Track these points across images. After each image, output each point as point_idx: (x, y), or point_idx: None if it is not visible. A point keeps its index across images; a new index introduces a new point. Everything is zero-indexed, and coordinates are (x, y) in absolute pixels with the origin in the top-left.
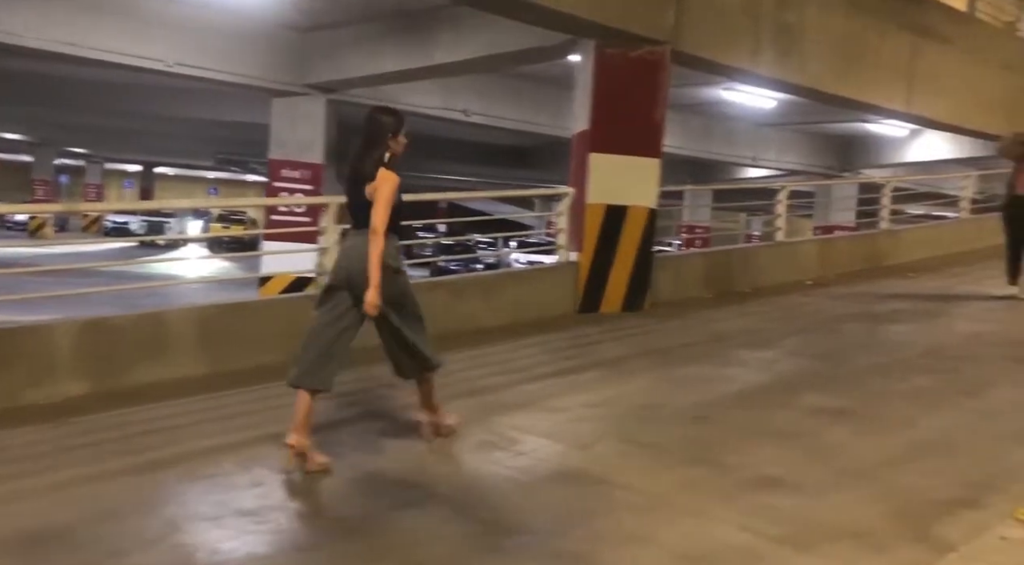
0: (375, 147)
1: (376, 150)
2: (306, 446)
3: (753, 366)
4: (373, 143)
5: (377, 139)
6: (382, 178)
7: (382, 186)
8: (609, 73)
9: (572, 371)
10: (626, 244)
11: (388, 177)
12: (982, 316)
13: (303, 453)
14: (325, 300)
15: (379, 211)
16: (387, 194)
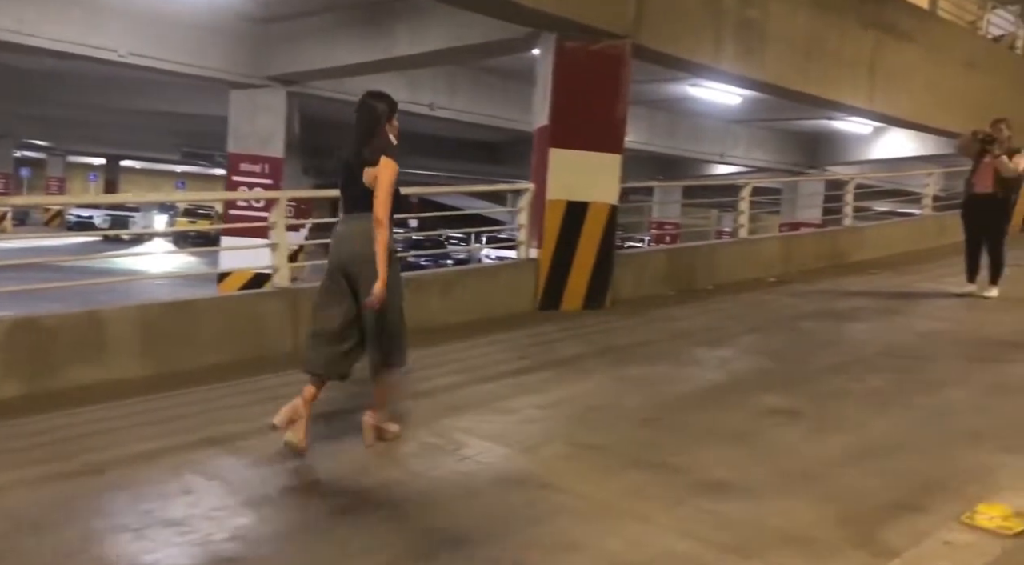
0: (372, 133)
1: (374, 136)
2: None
3: (709, 365)
4: (369, 129)
5: (373, 125)
6: (384, 165)
7: (383, 174)
8: (569, 67)
9: (526, 370)
10: (587, 241)
11: (389, 165)
12: (940, 314)
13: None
14: (325, 285)
15: (382, 200)
16: (389, 182)
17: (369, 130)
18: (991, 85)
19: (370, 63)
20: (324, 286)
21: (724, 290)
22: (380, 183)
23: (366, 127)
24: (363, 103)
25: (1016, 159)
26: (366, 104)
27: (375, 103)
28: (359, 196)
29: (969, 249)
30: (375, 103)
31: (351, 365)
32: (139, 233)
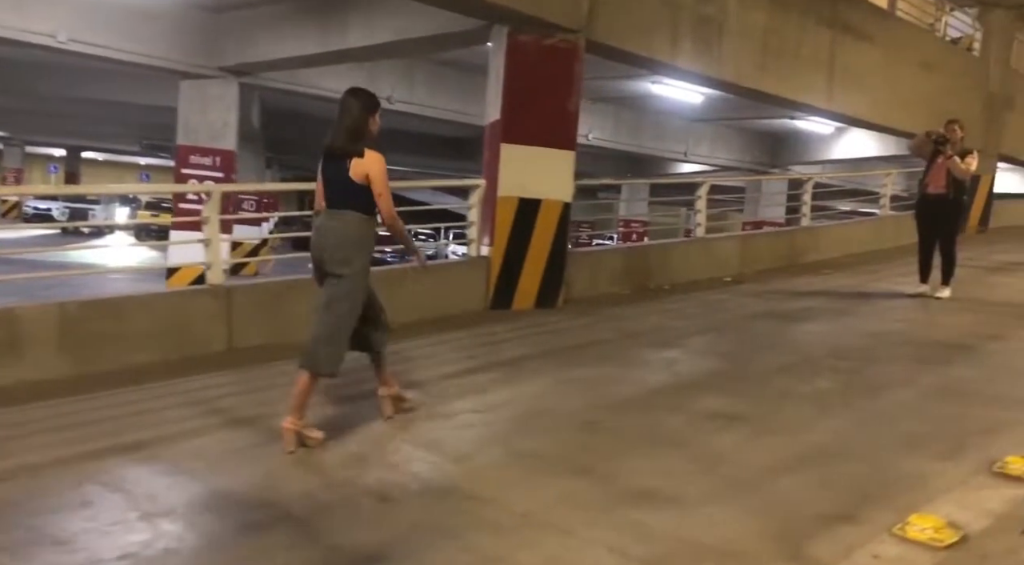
0: (355, 127)
1: (356, 130)
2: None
3: (656, 366)
4: (353, 123)
5: (356, 119)
6: (371, 161)
7: (375, 168)
8: (521, 61)
9: (469, 372)
10: (539, 239)
11: (378, 159)
12: (891, 315)
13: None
14: (317, 280)
15: (385, 199)
16: (384, 178)
17: (353, 124)
18: (948, 86)
19: (323, 54)
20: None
21: (679, 289)
22: (375, 179)
23: (349, 121)
24: (346, 98)
25: (968, 160)
26: (349, 99)
27: (357, 98)
28: (342, 190)
29: (922, 249)
30: (357, 98)
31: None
32: (97, 225)
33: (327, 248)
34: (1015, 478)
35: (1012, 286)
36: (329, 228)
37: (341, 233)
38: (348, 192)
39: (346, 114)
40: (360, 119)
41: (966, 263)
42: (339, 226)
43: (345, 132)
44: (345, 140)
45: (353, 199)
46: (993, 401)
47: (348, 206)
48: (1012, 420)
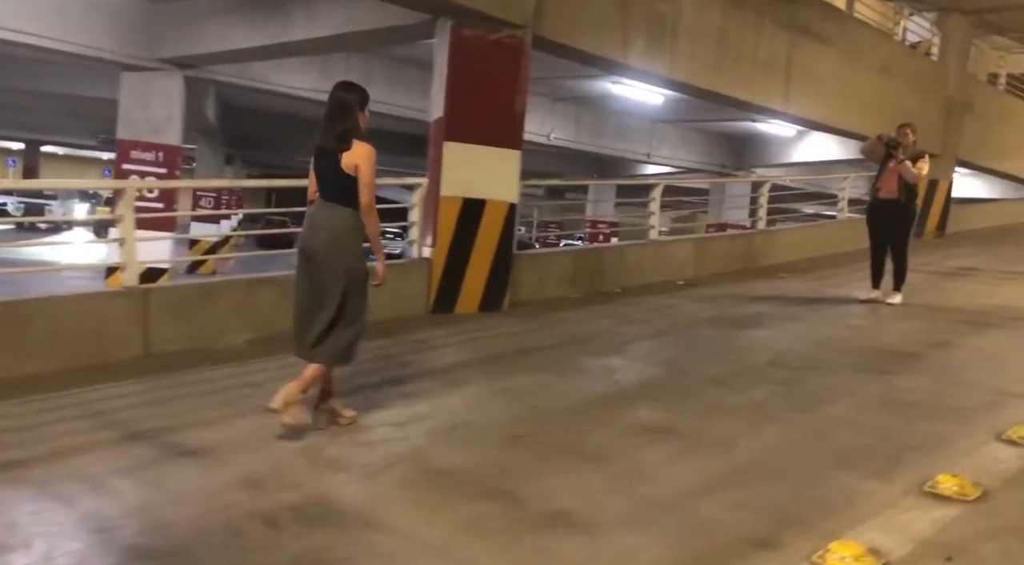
0: (345, 120)
1: (345, 123)
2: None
3: (594, 375)
4: (342, 117)
5: (344, 113)
6: (360, 152)
7: (363, 161)
8: (465, 57)
9: (396, 381)
10: (484, 240)
11: (367, 151)
12: (840, 321)
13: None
14: (299, 269)
15: (367, 188)
16: (371, 169)
17: (342, 118)
18: (906, 90)
19: (267, 47)
20: (299, 270)
21: (631, 293)
22: (362, 169)
23: (339, 115)
24: (335, 93)
25: (920, 164)
26: (339, 94)
27: (347, 93)
28: (333, 183)
29: (874, 254)
30: (347, 93)
31: None
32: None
33: (319, 240)
34: (945, 498)
35: (964, 292)
36: (321, 218)
37: (333, 225)
38: (340, 184)
39: (336, 108)
40: (350, 113)
41: (921, 268)
42: (331, 216)
43: (336, 127)
44: (336, 134)
45: (345, 192)
46: (933, 413)
47: (340, 199)
48: (950, 433)
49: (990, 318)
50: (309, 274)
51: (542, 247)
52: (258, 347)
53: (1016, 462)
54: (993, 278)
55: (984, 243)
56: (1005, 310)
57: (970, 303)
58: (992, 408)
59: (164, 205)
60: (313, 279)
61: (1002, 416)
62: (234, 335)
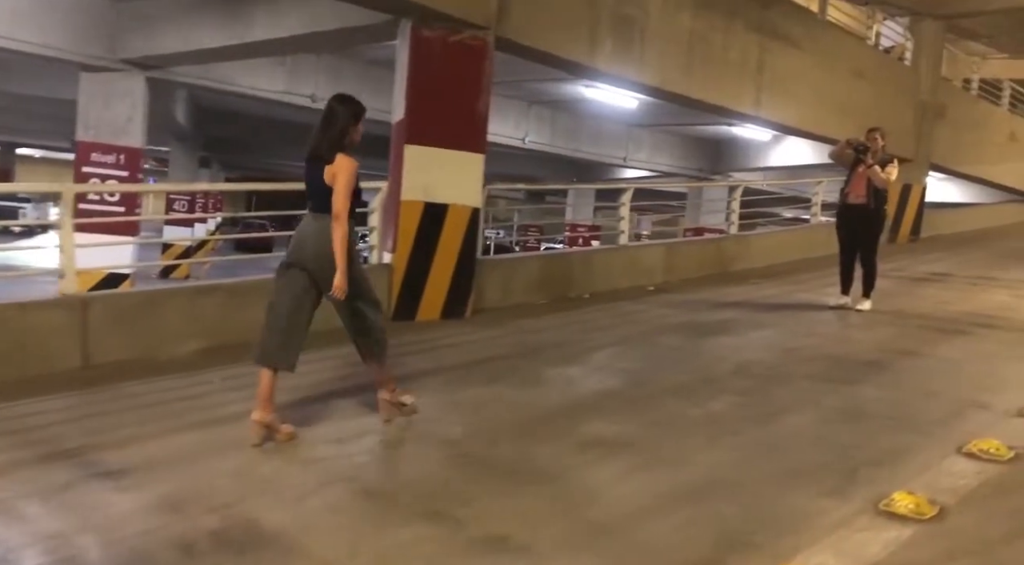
0: (332, 133)
1: (333, 135)
2: (270, 420)
3: (552, 385)
4: (329, 129)
5: (334, 125)
6: (340, 164)
7: (340, 172)
8: (426, 58)
9: (343, 394)
10: (446, 246)
11: (347, 163)
12: (808, 328)
13: (269, 426)
14: (281, 277)
15: (340, 197)
16: (347, 180)
17: (333, 130)
18: (879, 94)
19: (229, 48)
20: (283, 280)
21: (599, 299)
22: (338, 181)
23: (330, 127)
24: (331, 104)
25: (889, 168)
26: (334, 105)
27: (342, 105)
28: (319, 194)
29: (843, 260)
30: (342, 105)
31: (297, 357)
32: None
33: (309, 254)
34: (900, 517)
35: (935, 298)
36: (309, 231)
37: (320, 238)
38: (322, 195)
39: (329, 120)
40: (342, 125)
41: (893, 273)
42: (319, 228)
43: (326, 137)
44: (324, 145)
45: (326, 202)
46: (894, 426)
47: (326, 210)
48: (911, 447)
49: (959, 325)
50: (299, 288)
51: (523, 251)
52: (206, 357)
53: (975, 477)
54: (964, 283)
55: (957, 248)
56: (974, 316)
57: (940, 309)
58: (955, 419)
59: (126, 209)
60: (301, 286)
61: (964, 428)
62: (180, 344)
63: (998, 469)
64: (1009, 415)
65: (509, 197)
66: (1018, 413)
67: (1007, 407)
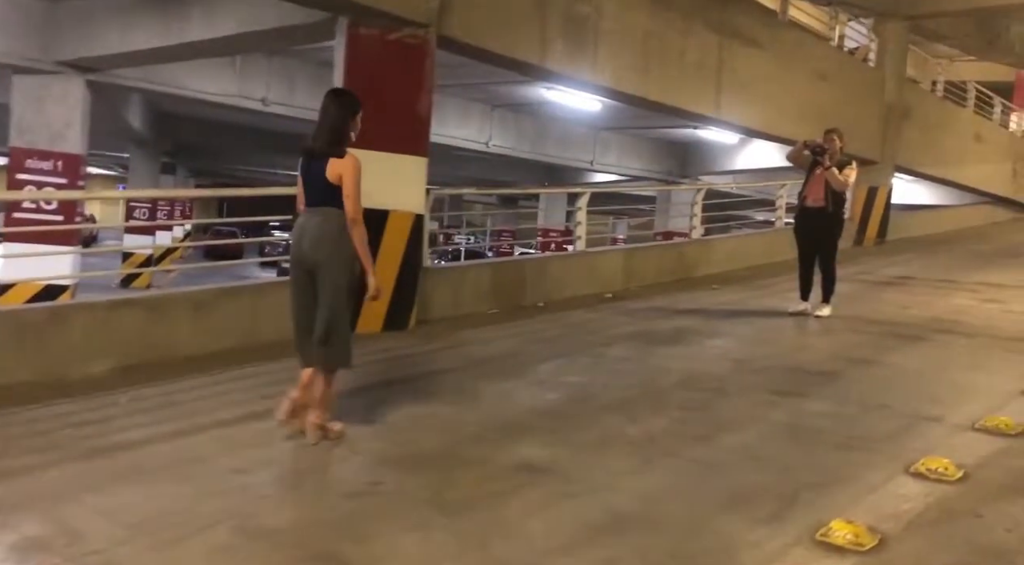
0: (337, 129)
1: (336, 132)
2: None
3: (486, 403)
4: (334, 125)
5: (336, 121)
6: (346, 164)
7: (347, 173)
8: (363, 57)
9: (253, 417)
10: (387, 254)
11: (352, 163)
12: (764, 336)
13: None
14: (293, 280)
15: (352, 199)
16: (355, 180)
17: (332, 126)
18: (844, 96)
19: (167, 48)
20: (292, 280)
21: (553, 308)
22: (346, 181)
23: (329, 123)
24: (327, 100)
25: (847, 171)
26: (330, 101)
27: (339, 100)
28: (320, 190)
29: (802, 265)
30: (339, 100)
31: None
32: None
33: (308, 244)
34: (837, 548)
35: (897, 302)
36: (309, 225)
37: (321, 228)
38: (326, 192)
39: (327, 116)
40: (340, 121)
41: (856, 277)
42: (319, 221)
43: (325, 133)
44: (325, 141)
45: (330, 198)
46: (841, 443)
47: (325, 203)
48: (856, 467)
49: (918, 331)
50: (305, 286)
51: (496, 256)
52: (120, 376)
53: (922, 500)
54: (928, 288)
55: (924, 250)
56: (935, 322)
57: (900, 315)
58: (905, 435)
59: (65, 218)
60: (309, 289)
61: (914, 444)
62: (91, 363)
63: (946, 491)
64: (962, 429)
65: (484, 202)
66: (971, 426)
67: (960, 420)
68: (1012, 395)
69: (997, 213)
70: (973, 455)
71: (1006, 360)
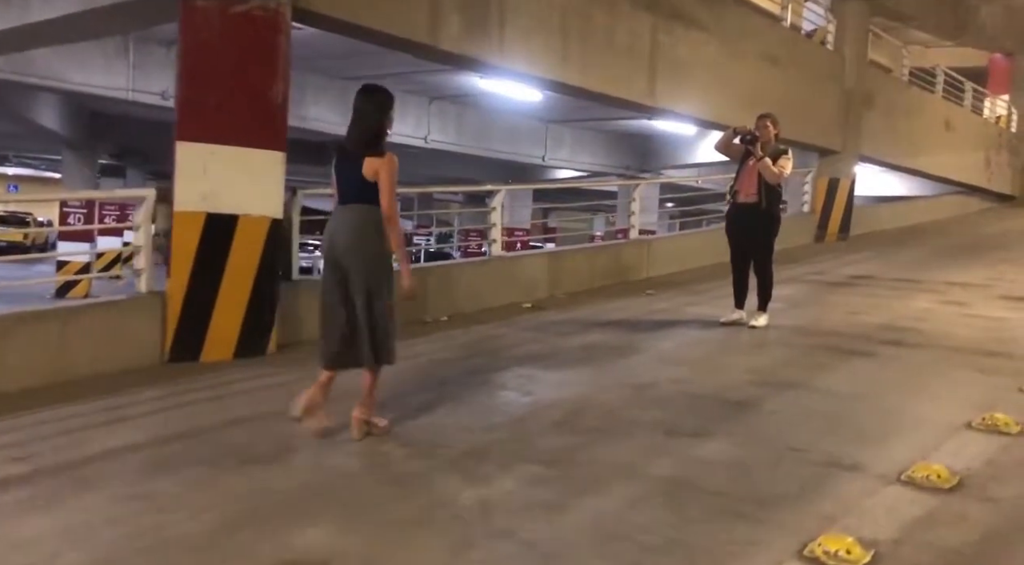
0: (369, 126)
1: (371, 129)
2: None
3: (296, 462)
4: (367, 123)
5: (371, 121)
6: (384, 162)
7: (383, 169)
8: (202, 34)
9: (4, 483)
10: (238, 266)
11: (389, 161)
12: (682, 353)
13: (367, 422)
14: (326, 277)
15: (388, 197)
16: (391, 178)
17: (368, 124)
18: (798, 82)
19: (11, 31)
20: (325, 278)
21: (459, 322)
22: (383, 177)
23: (365, 121)
24: (360, 98)
25: (782, 161)
26: (363, 98)
27: (372, 97)
28: (355, 186)
29: (735, 269)
30: (372, 97)
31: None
32: None
33: (342, 243)
34: None
35: (847, 306)
36: (343, 220)
37: (354, 223)
38: (361, 189)
39: (361, 113)
40: (375, 118)
41: (810, 277)
42: (352, 217)
43: (361, 131)
44: (361, 139)
45: (366, 195)
46: (728, 509)
47: (359, 200)
48: (737, 546)
49: (863, 343)
50: (336, 284)
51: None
52: None
53: None
54: (885, 288)
55: (887, 246)
56: (885, 330)
57: (848, 322)
58: (812, 494)
59: None
60: (341, 287)
61: (820, 509)
62: None
63: None
64: (884, 482)
65: (454, 200)
66: (897, 477)
67: (884, 468)
68: (953, 429)
69: (971, 203)
70: (890, 524)
71: (955, 380)
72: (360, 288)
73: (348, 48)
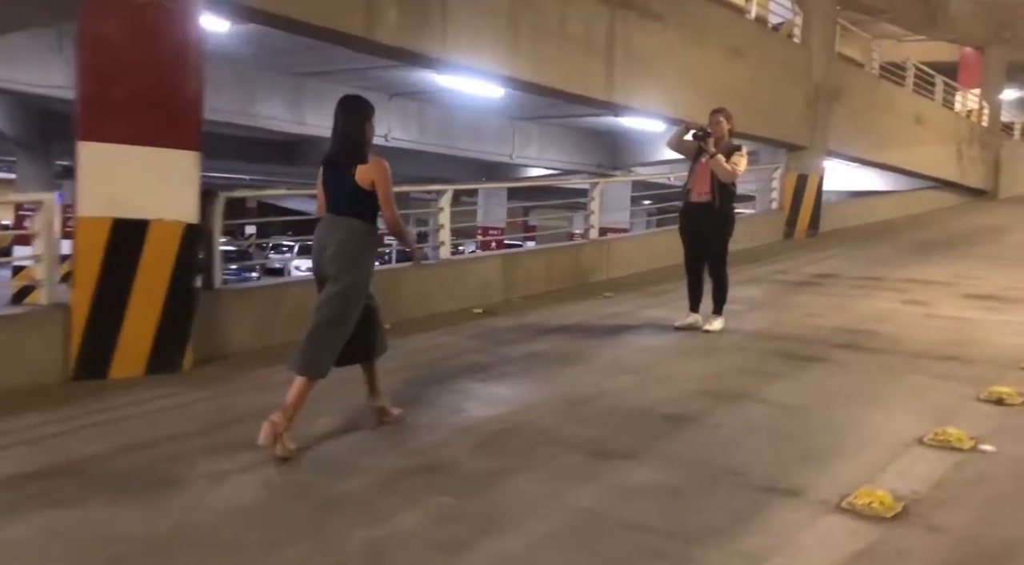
0: (352, 136)
1: (354, 139)
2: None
3: (184, 495)
4: (348, 133)
5: (349, 129)
6: (377, 170)
7: (379, 179)
8: (105, 25)
9: None
10: (149, 275)
11: (382, 167)
12: (628, 362)
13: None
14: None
15: (388, 206)
16: (387, 185)
17: (349, 133)
18: (763, 75)
19: None
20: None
21: (401, 330)
22: (381, 187)
23: (346, 131)
24: (340, 108)
25: (736, 158)
26: (343, 109)
27: (350, 106)
28: (348, 196)
29: (689, 272)
30: (350, 106)
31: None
32: None
33: (327, 254)
34: None
35: (807, 308)
36: (330, 234)
37: (342, 240)
38: (352, 199)
39: (342, 124)
40: (356, 128)
41: (773, 277)
42: (341, 233)
43: (344, 142)
44: (346, 150)
45: (357, 206)
46: (648, 550)
47: (351, 213)
48: None
49: (818, 348)
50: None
51: None
52: None
53: None
54: (848, 287)
55: (857, 242)
56: (842, 334)
57: (806, 325)
58: (744, 525)
59: None
60: None
61: (749, 546)
62: None
63: None
64: (825, 509)
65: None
66: (838, 504)
67: (826, 493)
68: (903, 446)
69: (944, 198)
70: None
71: (911, 388)
72: (330, 294)
73: (294, 43)
